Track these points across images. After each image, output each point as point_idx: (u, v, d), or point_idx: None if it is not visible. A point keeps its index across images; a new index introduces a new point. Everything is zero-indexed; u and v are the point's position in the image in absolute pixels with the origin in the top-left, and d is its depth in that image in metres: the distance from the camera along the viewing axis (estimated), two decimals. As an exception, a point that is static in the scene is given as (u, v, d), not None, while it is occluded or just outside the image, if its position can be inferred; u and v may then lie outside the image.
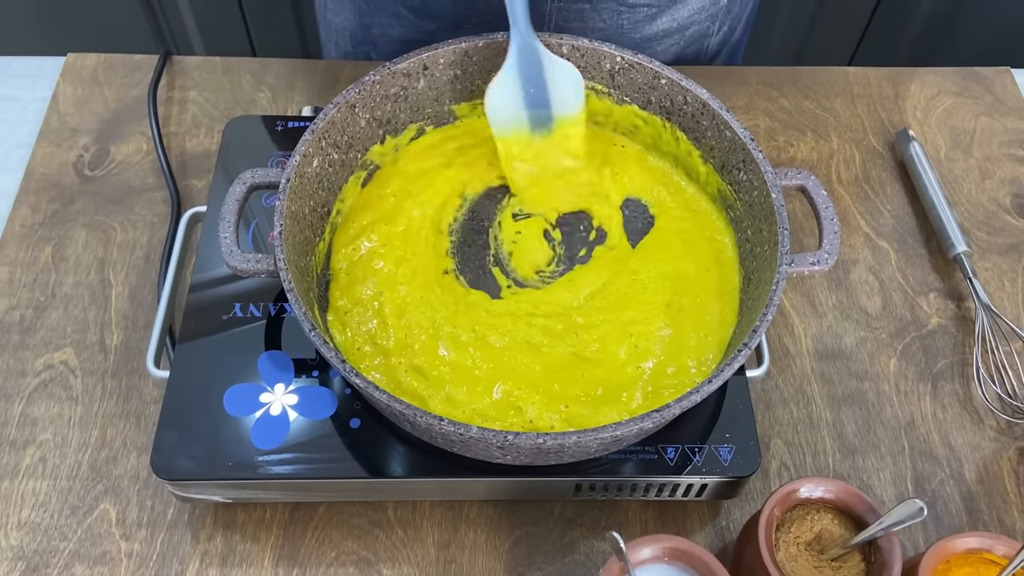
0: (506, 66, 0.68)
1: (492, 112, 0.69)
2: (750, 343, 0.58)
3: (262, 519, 0.67)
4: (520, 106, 0.70)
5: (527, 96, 0.69)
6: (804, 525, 0.60)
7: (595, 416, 0.62)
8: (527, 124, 0.71)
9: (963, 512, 0.69)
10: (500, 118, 0.70)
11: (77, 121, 0.87)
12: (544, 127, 0.71)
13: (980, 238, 0.84)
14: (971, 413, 0.74)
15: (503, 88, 0.69)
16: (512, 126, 0.70)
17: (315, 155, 0.66)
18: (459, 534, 0.67)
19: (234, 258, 0.62)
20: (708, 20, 0.89)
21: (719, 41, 0.94)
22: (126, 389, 0.72)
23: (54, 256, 0.78)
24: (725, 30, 0.93)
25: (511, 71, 0.68)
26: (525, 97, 0.69)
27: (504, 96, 0.69)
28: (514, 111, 0.70)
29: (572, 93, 0.70)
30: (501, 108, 0.69)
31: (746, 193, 0.68)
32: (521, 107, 0.70)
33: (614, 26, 0.86)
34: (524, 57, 0.68)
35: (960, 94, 0.94)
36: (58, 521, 0.66)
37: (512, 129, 0.70)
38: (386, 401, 0.55)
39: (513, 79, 0.69)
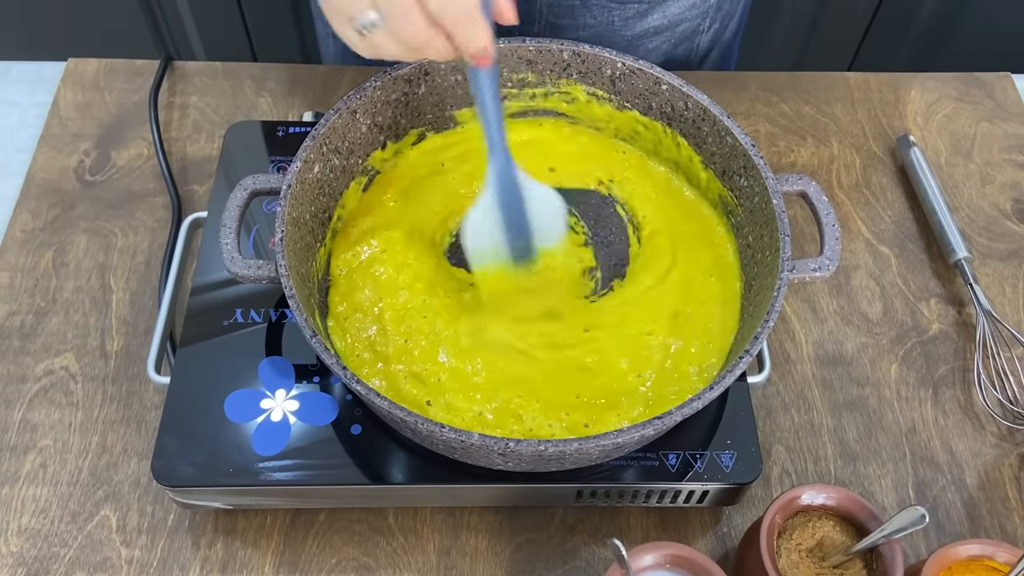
0: (484, 195, 0.63)
1: (472, 245, 0.64)
2: (752, 350, 0.58)
3: (263, 525, 0.67)
4: (500, 239, 0.64)
5: (507, 227, 0.64)
6: (806, 532, 0.60)
7: (596, 424, 0.61)
8: (509, 256, 0.66)
9: (964, 519, 0.69)
10: (479, 249, 0.64)
11: (78, 126, 0.87)
12: (525, 259, 0.66)
13: (981, 244, 0.84)
14: (972, 419, 0.74)
15: (482, 218, 0.63)
16: (492, 259, 0.65)
17: (316, 161, 0.66)
18: (460, 540, 0.67)
19: (235, 264, 0.62)
20: (699, 17, 0.89)
21: (710, 39, 0.94)
22: (127, 395, 0.72)
23: (55, 261, 0.78)
24: (716, 27, 0.93)
25: (490, 199, 0.63)
26: (505, 228, 0.64)
27: (483, 227, 0.64)
28: (493, 244, 0.64)
29: (554, 221, 0.66)
30: (478, 238, 0.64)
31: (747, 199, 0.68)
32: (501, 240, 0.64)
33: (605, 23, 0.86)
34: (503, 185, 0.63)
35: (960, 99, 0.94)
36: (58, 527, 0.66)
37: (492, 262, 0.65)
38: (387, 408, 0.55)
39: (491, 207, 0.63)
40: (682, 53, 0.93)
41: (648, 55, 0.90)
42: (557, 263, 0.68)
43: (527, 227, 0.65)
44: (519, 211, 0.64)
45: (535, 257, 0.67)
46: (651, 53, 0.90)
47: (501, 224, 0.64)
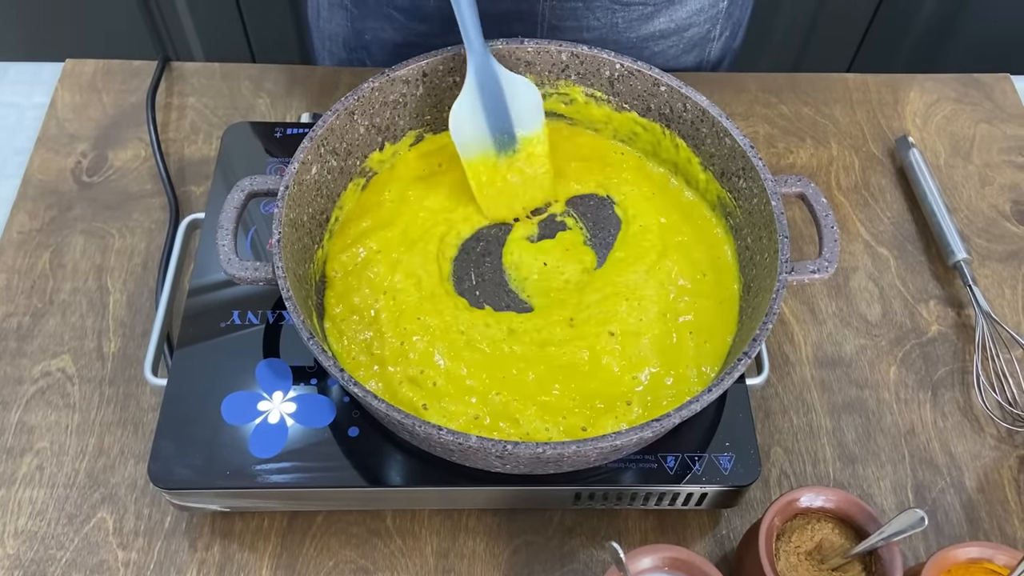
0: (465, 87, 0.68)
1: (457, 135, 0.69)
2: (750, 352, 0.58)
3: (260, 528, 0.66)
4: (483, 128, 0.70)
5: (488, 116, 0.69)
6: (804, 534, 0.60)
7: (594, 427, 0.61)
8: (492, 146, 0.70)
9: (964, 521, 0.69)
10: (465, 141, 0.70)
11: (75, 127, 0.87)
12: (508, 148, 0.71)
13: (980, 245, 0.84)
14: (971, 421, 0.74)
15: (464, 110, 0.69)
16: (477, 148, 0.70)
17: (314, 162, 0.66)
18: (458, 543, 0.67)
19: (232, 266, 0.62)
20: (708, 23, 0.89)
21: (722, 47, 0.93)
22: (124, 397, 0.71)
23: (52, 263, 0.78)
24: (727, 35, 0.93)
25: (470, 92, 0.68)
26: (487, 117, 0.69)
27: (466, 118, 0.69)
28: (478, 133, 0.70)
29: (532, 110, 0.70)
30: (464, 131, 0.69)
31: (746, 200, 0.68)
32: (484, 129, 0.70)
33: (608, 25, 0.86)
34: (482, 77, 0.68)
35: (959, 101, 0.94)
36: (55, 530, 0.66)
37: (478, 152, 0.70)
38: (385, 410, 0.55)
39: (473, 100, 0.69)
40: (692, 61, 0.93)
41: (654, 58, 0.89)
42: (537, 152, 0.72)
43: (507, 114, 0.70)
44: (499, 99, 0.69)
45: (516, 144, 0.71)
46: (657, 57, 0.90)
47: (482, 113, 0.69)
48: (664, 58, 0.90)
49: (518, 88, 0.70)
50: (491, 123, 0.70)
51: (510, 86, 0.69)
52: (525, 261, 0.70)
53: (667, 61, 0.90)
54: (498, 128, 0.70)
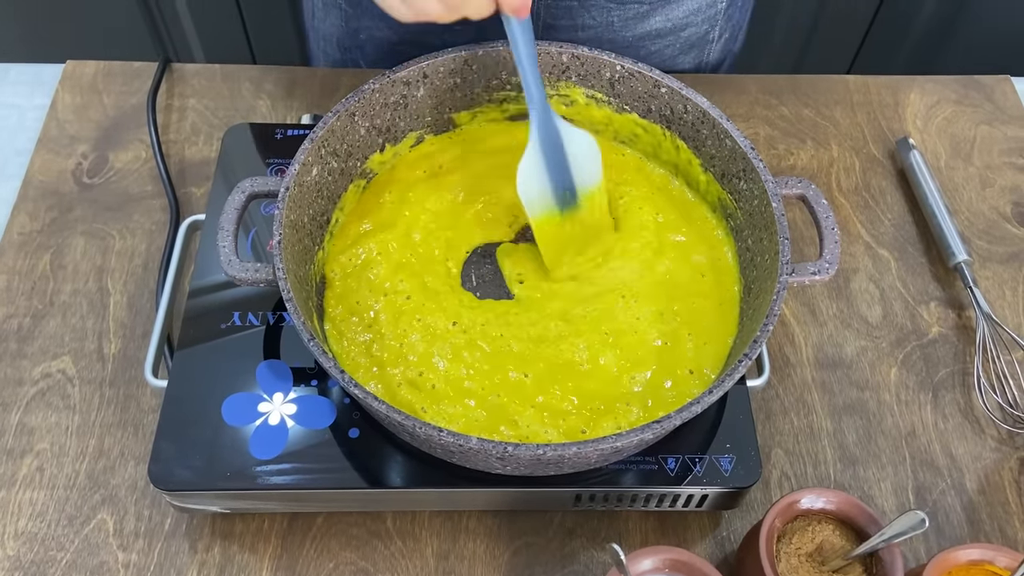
0: (529, 146, 0.67)
1: (524, 194, 0.68)
2: (751, 353, 0.58)
3: (260, 529, 0.66)
4: (547, 185, 0.68)
5: (551, 173, 0.68)
6: (805, 536, 0.60)
7: (594, 429, 0.61)
8: (555, 203, 0.69)
9: (964, 523, 0.69)
10: (532, 200, 0.68)
11: (76, 128, 0.87)
12: (571, 204, 0.69)
13: (981, 247, 0.83)
14: (972, 423, 0.74)
15: (530, 168, 0.67)
16: (542, 207, 0.68)
17: (314, 164, 0.66)
18: (458, 544, 0.67)
19: (232, 267, 0.62)
20: (706, 24, 0.89)
21: (721, 49, 0.93)
22: (124, 398, 0.71)
23: (52, 264, 0.78)
24: (727, 37, 0.93)
25: (534, 149, 0.67)
26: (550, 174, 0.68)
27: (532, 176, 0.68)
28: (543, 191, 0.68)
29: (592, 163, 0.69)
30: (531, 189, 0.68)
31: (746, 202, 0.68)
32: (547, 186, 0.68)
33: (604, 23, 0.86)
34: (543, 133, 0.67)
35: (960, 102, 0.94)
36: (55, 531, 0.66)
37: (543, 210, 0.69)
38: (385, 412, 0.55)
39: (537, 158, 0.67)
40: (691, 62, 0.93)
41: (651, 58, 0.89)
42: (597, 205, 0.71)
43: (568, 169, 0.69)
44: (560, 155, 0.68)
45: (578, 200, 0.70)
46: (654, 56, 0.90)
47: (546, 171, 0.68)
48: (661, 58, 0.90)
49: (578, 142, 0.68)
50: (554, 180, 0.68)
51: (570, 140, 0.68)
52: (520, 260, 0.70)
53: (664, 61, 0.90)
54: (560, 184, 0.69)
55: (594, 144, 0.69)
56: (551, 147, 0.68)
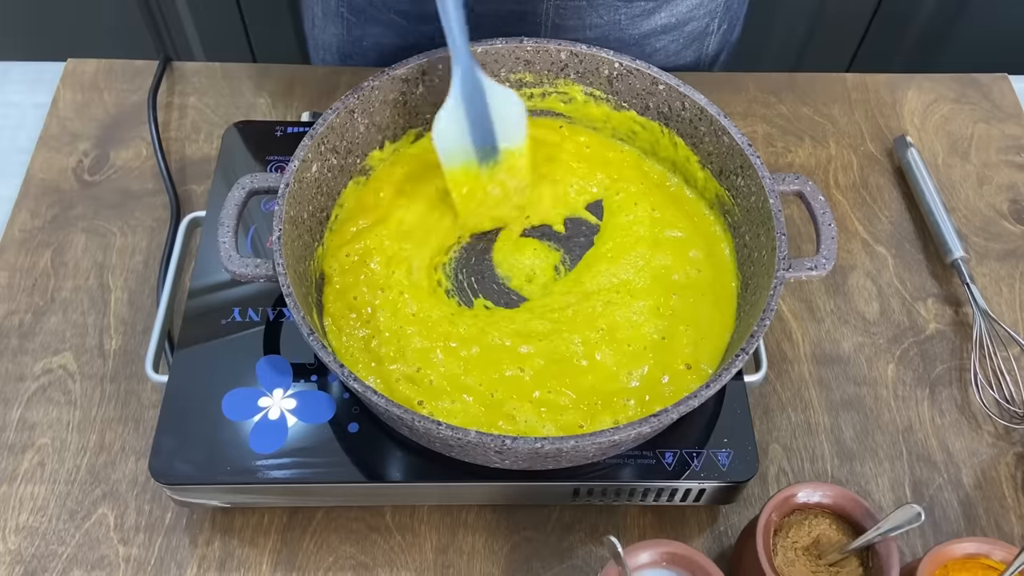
0: (450, 96, 0.67)
1: (439, 143, 0.68)
2: (748, 348, 0.58)
3: (260, 524, 0.67)
4: (466, 138, 0.68)
5: (472, 127, 0.68)
6: (802, 530, 0.60)
7: (590, 424, 0.62)
8: (474, 157, 0.69)
9: (961, 517, 0.69)
10: (447, 149, 0.68)
11: (77, 126, 0.87)
12: (490, 159, 0.70)
13: (978, 244, 0.84)
14: (969, 418, 0.74)
15: (447, 118, 0.67)
16: (459, 158, 0.69)
17: (314, 160, 0.67)
18: (457, 539, 0.67)
19: (233, 263, 0.62)
20: (707, 16, 0.90)
21: (719, 41, 0.94)
22: (125, 394, 0.72)
23: (53, 261, 0.78)
24: (725, 28, 0.93)
25: (455, 101, 0.67)
26: (471, 128, 0.68)
27: (449, 127, 0.68)
28: (461, 143, 0.68)
29: (516, 123, 0.69)
30: (447, 139, 0.68)
31: (744, 199, 0.68)
32: (467, 139, 0.68)
33: (611, 22, 0.86)
34: (467, 86, 0.67)
35: (957, 100, 0.94)
36: (56, 525, 0.66)
37: (459, 161, 0.69)
38: (384, 405, 0.55)
39: (458, 109, 0.67)
40: (691, 55, 0.93)
41: (655, 55, 0.90)
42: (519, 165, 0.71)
43: (490, 125, 0.69)
44: (482, 110, 0.68)
45: (499, 156, 0.70)
46: (658, 53, 0.90)
47: (466, 123, 0.68)
48: (665, 54, 0.90)
49: (503, 100, 0.68)
50: (474, 133, 0.69)
51: (495, 97, 0.68)
52: (515, 256, 0.70)
53: (667, 57, 0.91)
54: (481, 139, 0.69)
55: (520, 104, 0.69)
56: (473, 100, 0.67)
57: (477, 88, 0.67)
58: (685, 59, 0.93)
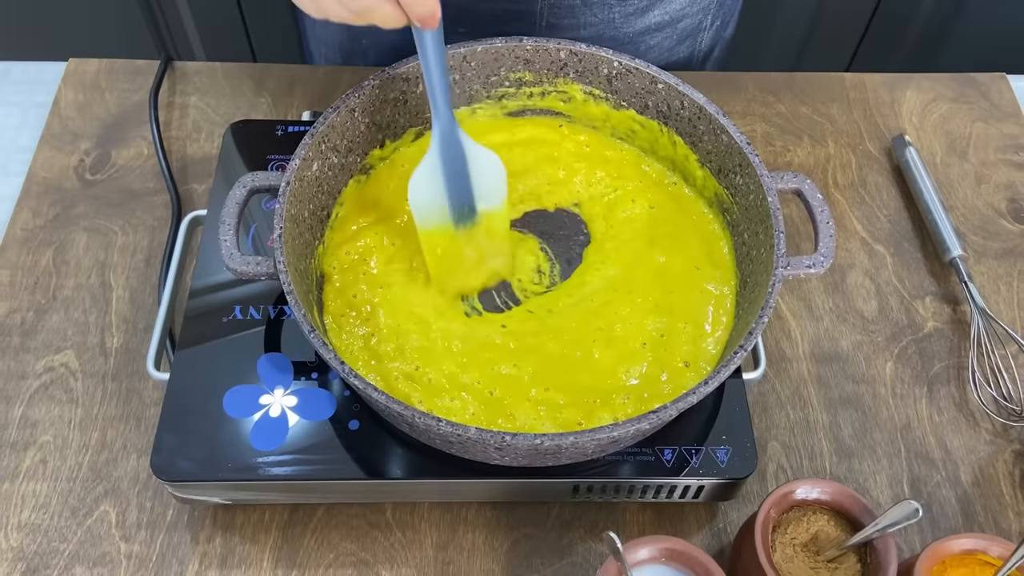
0: (428, 155, 0.65)
1: (414, 203, 0.65)
2: (746, 345, 0.59)
3: (261, 521, 0.67)
4: (443, 198, 0.66)
5: (449, 187, 0.66)
6: (800, 526, 0.61)
7: (589, 421, 0.62)
8: (450, 218, 0.67)
9: (959, 514, 0.70)
10: (422, 209, 0.66)
11: (78, 126, 0.88)
12: (467, 221, 0.67)
13: (976, 242, 0.84)
14: (967, 416, 0.74)
15: (424, 177, 0.65)
16: (435, 219, 0.66)
17: (315, 159, 0.67)
18: (457, 536, 0.67)
19: (234, 261, 0.62)
20: (700, 13, 0.90)
21: (712, 37, 0.94)
22: (126, 391, 0.72)
23: (55, 259, 0.79)
24: (718, 24, 0.93)
25: (432, 160, 0.65)
26: (448, 188, 0.66)
27: (426, 186, 0.65)
28: (437, 203, 0.66)
29: (496, 184, 0.67)
30: (422, 199, 0.65)
31: (742, 197, 0.68)
32: (444, 199, 0.66)
33: (606, 21, 0.86)
34: (446, 146, 0.64)
35: (956, 100, 0.95)
36: (58, 522, 0.66)
37: (435, 222, 0.66)
38: (384, 402, 0.55)
39: (434, 169, 0.65)
40: (685, 51, 0.93)
41: (649, 52, 0.90)
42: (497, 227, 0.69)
43: (469, 188, 0.66)
44: (462, 172, 0.66)
45: (476, 218, 0.68)
46: (652, 50, 0.90)
47: (443, 183, 0.65)
48: (659, 51, 0.91)
49: (483, 160, 0.66)
50: (452, 194, 0.66)
51: (475, 158, 0.66)
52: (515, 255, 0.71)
53: (661, 54, 0.91)
54: (458, 199, 0.66)
55: (499, 164, 0.66)
56: (452, 161, 0.65)
57: (456, 147, 0.65)
58: (678, 55, 0.93)
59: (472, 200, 0.67)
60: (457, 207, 0.67)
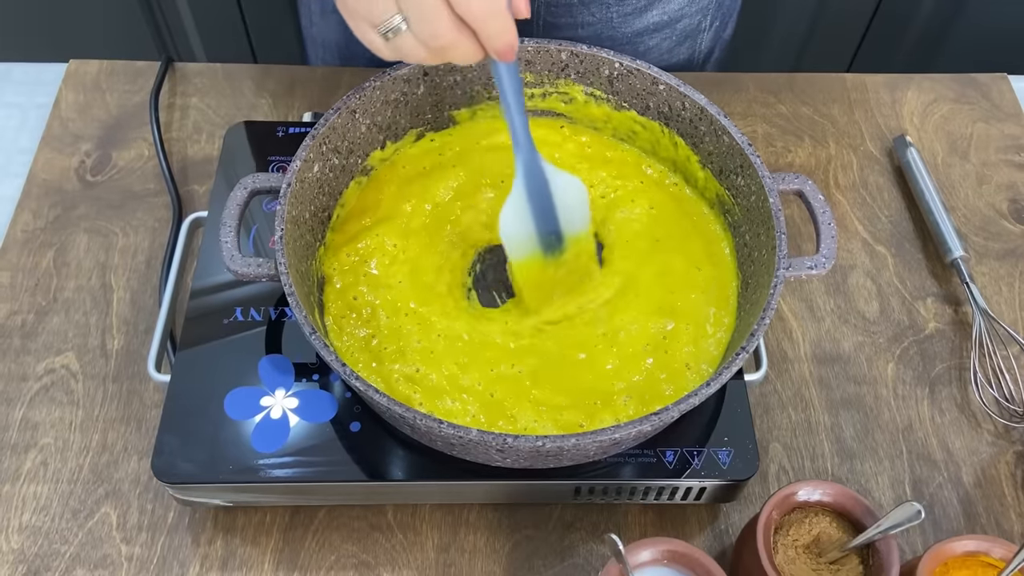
0: (514, 189, 0.64)
1: (507, 236, 0.65)
2: (748, 346, 0.58)
3: (262, 523, 0.67)
4: (531, 229, 0.66)
5: (536, 218, 0.66)
6: (802, 528, 0.61)
7: (590, 422, 0.62)
8: (540, 248, 0.67)
9: (961, 516, 0.70)
10: (513, 243, 0.66)
11: (79, 127, 0.88)
12: (556, 249, 0.67)
13: (977, 243, 0.84)
14: (969, 417, 0.74)
15: (512, 211, 0.65)
16: (526, 250, 0.66)
17: (316, 160, 0.67)
18: (459, 537, 0.67)
19: (235, 262, 0.62)
20: (699, 14, 0.90)
21: (712, 38, 0.94)
22: (127, 393, 0.72)
23: (56, 261, 0.79)
24: (717, 25, 0.93)
25: (519, 193, 0.64)
26: (535, 219, 0.66)
27: (516, 218, 0.65)
28: (527, 233, 0.66)
29: (580, 208, 0.67)
30: (513, 232, 0.65)
31: (744, 198, 0.68)
32: (532, 230, 0.66)
33: (604, 20, 0.86)
34: (531, 176, 0.64)
35: (957, 100, 0.95)
36: (59, 525, 0.66)
37: (526, 253, 0.66)
38: (386, 404, 0.55)
39: (522, 201, 0.65)
40: (684, 53, 0.93)
41: (648, 53, 0.90)
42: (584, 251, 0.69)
43: (554, 215, 0.66)
44: (547, 200, 0.65)
45: (564, 245, 0.68)
46: (652, 51, 0.90)
47: (531, 214, 0.65)
48: (658, 52, 0.91)
49: (565, 186, 0.66)
50: (539, 224, 0.66)
51: (558, 185, 0.66)
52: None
53: (661, 55, 0.91)
54: (546, 229, 0.66)
55: (583, 189, 0.67)
56: (537, 191, 0.65)
57: (540, 177, 0.65)
58: (678, 57, 0.93)
59: (558, 227, 0.67)
60: (545, 236, 0.66)
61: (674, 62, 0.93)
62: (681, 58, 0.93)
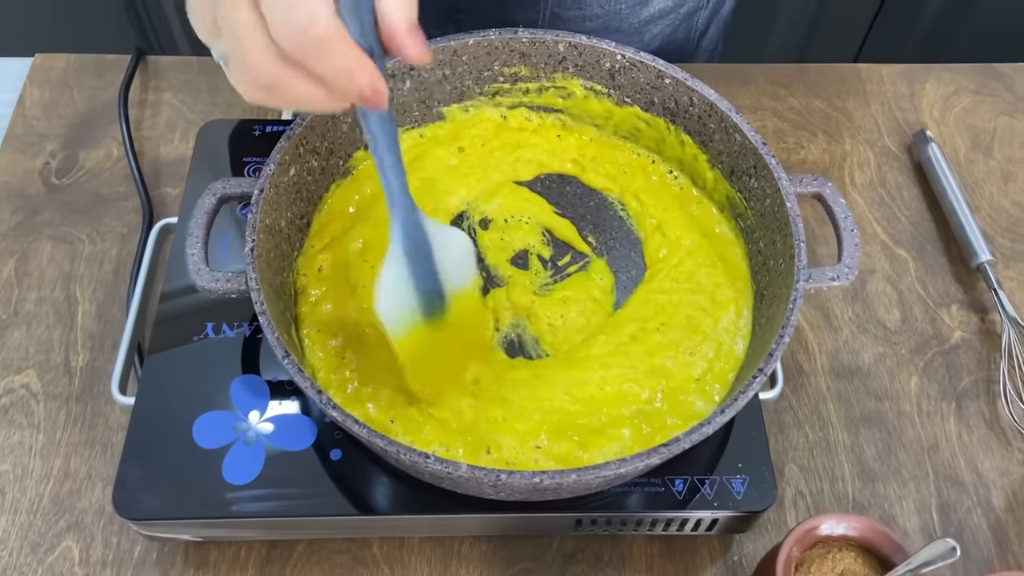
0: (391, 255, 0.55)
1: (387, 314, 0.55)
2: (765, 368, 0.53)
3: (237, 557, 0.62)
4: (412, 296, 0.56)
5: (417, 283, 0.56)
6: (825, 564, 0.56)
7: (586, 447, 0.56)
8: (421, 316, 0.57)
9: (992, 543, 0.65)
10: (394, 320, 0.55)
11: (44, 126, 0.82)
12: (438, 312, 0.58)
13: (1004, 245, 0.79)
14: (998, 435, 0.69)
15: (390, 284, 0.55)
16: (408, 324, 0.56)
17: (292, 163, 0.61)
18: (450, 571, 0.62)
19: (202, 277, 0.57)
20: None
21: (708, 15, 0.89)
22: (91, 415, 0.67)
23: (17, 271, 0.73)
24: (714, 1, 0.88)
25: (397, 261, 0.55)
26: (416, 285, 0.56)
27: (396, 290, 0.55)
28: (407, 304, 0.56)
29: (464, 259, 0.59)
30: (395, 307, 0.56)
31: (757, 201, 0.63)
32: (413, 296, 0.56)
33: (612, 11, 0.82)
34: (410, 238, 0.55)
35: (978, 92, 0.89)
36: (17, 560, 0.61)
37: (408, 328, 0.56)
38: (367, 436, 0.50)
39: (401, 266, 0.55)
40: (682, 33, 0.88)
41: (653, 40, 0.85)
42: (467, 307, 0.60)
43: (435, 275, 0.57)
44: (427, 258, 0.57)
45: (446, 304, 0.58)
46: (656, 38, 0.86)
47: (412, 282, 0.56)
48: (661, 37, 0.86)
49: (446, 240, 0.57)
50: (420, 289, 0.57)
51: (440, 242, 0.57)
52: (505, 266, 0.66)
53: (663, 41, 0.86)
54: (427, 293, 0.57)
55: (466, 241, 0.59)
56: (417, 254, 0.56)
57: (420, 236, 0.55)
58: (676, 38, 0.88)
59: (440, 287, 0.58)
60: (427, 301, 0.57)
61: (671, 43, 0.88)
62: (678, 38, 0.88)
